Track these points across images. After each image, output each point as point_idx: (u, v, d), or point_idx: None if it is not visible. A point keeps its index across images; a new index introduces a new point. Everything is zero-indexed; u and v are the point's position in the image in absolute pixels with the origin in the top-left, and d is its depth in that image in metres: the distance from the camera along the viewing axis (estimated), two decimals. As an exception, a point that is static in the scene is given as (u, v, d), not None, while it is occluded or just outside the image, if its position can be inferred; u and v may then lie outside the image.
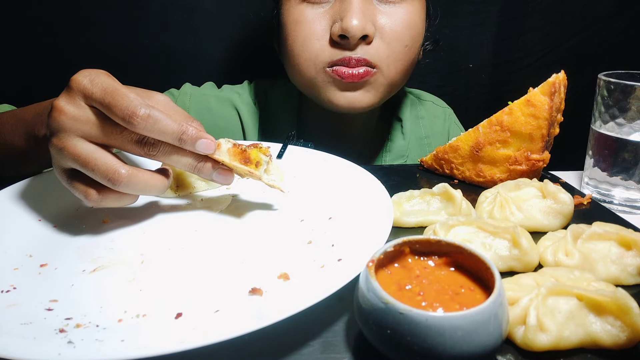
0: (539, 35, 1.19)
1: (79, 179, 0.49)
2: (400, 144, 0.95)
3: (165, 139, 0.47)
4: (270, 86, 0.96)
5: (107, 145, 0.49)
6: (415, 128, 0.97)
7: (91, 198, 0.49)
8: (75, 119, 0.47)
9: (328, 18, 0.72)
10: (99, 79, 0.47)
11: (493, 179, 0.68)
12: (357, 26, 0.68)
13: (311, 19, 0.73)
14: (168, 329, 0.38)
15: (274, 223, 0.57)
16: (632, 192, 0.71)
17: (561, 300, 0.39)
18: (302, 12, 0.73)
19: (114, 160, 0.47)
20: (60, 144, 0.47)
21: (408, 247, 0.40)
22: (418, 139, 0.97)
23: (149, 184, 0.49)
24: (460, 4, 1.15)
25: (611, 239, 0.49)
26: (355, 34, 0.69)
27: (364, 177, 0.62)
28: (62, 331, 0.37)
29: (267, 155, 0.52)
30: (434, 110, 1.03)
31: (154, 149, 0.48)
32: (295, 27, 0.74)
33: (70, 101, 0.47)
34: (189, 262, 0.49)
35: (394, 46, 0.74)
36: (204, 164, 0.51)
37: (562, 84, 0.64)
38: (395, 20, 0.73)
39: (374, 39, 0.73)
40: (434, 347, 0.32)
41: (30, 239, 0.54)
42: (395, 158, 0.95)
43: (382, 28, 0.73)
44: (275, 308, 0.38)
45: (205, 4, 1.06)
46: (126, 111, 0.45)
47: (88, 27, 1.04)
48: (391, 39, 0.73)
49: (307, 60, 0.74)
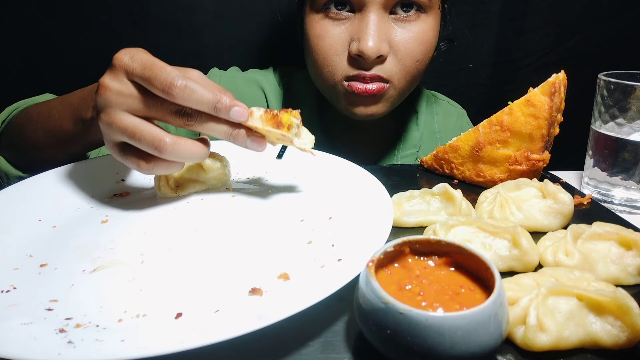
0: (539, 35, 1.19)
1: (130, 151, 0.53)
2: (414, 134, 0.98)
3: (201, 107, 0.50)
4: (296, 71, 0.99)
5: (150, 117, 0.52)
6: (429, 122, 1.01)
7: (143, 167, 0.53)
8: (119, 94, 0.51)
9: (347, 35, 0.76)
10: (138, 56, 0.51)
11: (493, 179, 0.68)
12: (372, 48, 0.72)
13: (332, 35, 0.76)
14: (168, 329, 0.38)
15: (274, 223, 0.57)
16: (632, 192, 0.71)
17: (561, 300, 0.39)
18: (325, 28, 0.77)
19: (158, 131, 0.51)
20: (108, 119, 0.51)
21: (408, 247, 0.40)
22: (431, 132, 1.00)
23: (191, 150, 0.53)
24: (460, 4, 1.15)
25: (611, 239, 0.49)
26: (371, 56, 0.72)
27: (364, 177, 0.63)
28: (62, 331, 0.37)
29: (297, 118, 0.54)
30: (448, 109, 1.06)
31: (191, 119, 0.51)
32: (317, 41, 0.78)
33: (114, 78, 0.51)
34: (189, 262, 0.49)
35: (406, 61, 0.77)
36: (238, 131, 0.53)
37: (562, 84, 0.64)
38: (409, 38, 0.76)
39: (388, 56, 0.76)
40: (434, 347, 0.32)
41: (30, 239, 0.54)
42: (409, 147, 0.97)
43: (397, 45, 0.76)
44: (275, 308, 0.38)
45: (205, 4, 1.06)
46: (165, 83, 0.48)
47: (88, 27, 1.04)
48: (404, 55, 0.76)
49: (327, 72, 0.79)
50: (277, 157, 0.73)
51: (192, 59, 1.10)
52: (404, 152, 0.97)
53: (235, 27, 1.09)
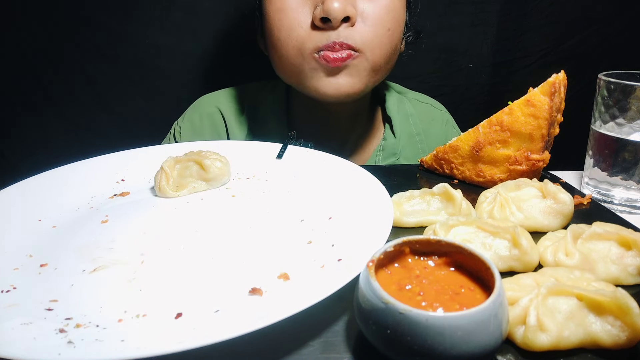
0: (539, 35, 1.19)
1: None
2: (391, 142, 0.95)
3: None
4: (259, 90, 0.97)
5: None
6: (405, 126, 0.98)
7: None
8: None
9: (310, 4, 0.73)
10: None
11: (493, 179, 0.68)
12: (338, 8, 0.70)
13: (294, 7, 0.74)
14: (168, 329, 0.38)
15: (274, 223, 0.57)
16: (632, 192, 0.71)
17: (561, 300, 0.39)
18: (284, 0, 0.74)
19: None
20: None
21: (408, 247, 0.40)
22: (409, 137, 0.97)
23: None
24: (460, 4, 1.15)
25: (611, 239, 0.49)
26: (337, 16, 0.70)
27: (364, 177, 0.62)
28: (62, 331, 0.37)
29: None
30: (429, 111, 1.03)
31: None
32: (278, 15, 0.75)
33: None
34: (189, 262, 0.49)
35: (377, 29, 0.75)
36: None
37: (562, 84, 0.64)
38: (376, 5, 0.75)
39: (357, 23, 0.74)
40: (434, 347, 0.32)
41: (30, 239, 0.54)
42: (388, 156, 0.95)
43: (364, 12, 0.74)
44: (275, 308, 0.38)
45: (205, 4, 1.06)
46: None
47: (88, 27, 1.04)
48: (373, 22, 0.74)
49: (293, 48, 0.75)
50: (277, 157, 0.73)
51: (192, 59, 1.10)
52: (384, 163, 0.94)
53: (235, 27, 1.09)
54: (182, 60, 1.09)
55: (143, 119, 1.12)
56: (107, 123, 1.12)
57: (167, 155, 0.66)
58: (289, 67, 0.78)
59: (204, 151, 0.68)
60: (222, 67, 1.07)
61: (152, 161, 0.69)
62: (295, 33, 0.74)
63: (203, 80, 1.06)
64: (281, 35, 0.75)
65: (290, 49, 0.75)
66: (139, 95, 1.11)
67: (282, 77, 0.83)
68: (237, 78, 1.01)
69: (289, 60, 0.77)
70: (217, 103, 0.96)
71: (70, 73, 1.07)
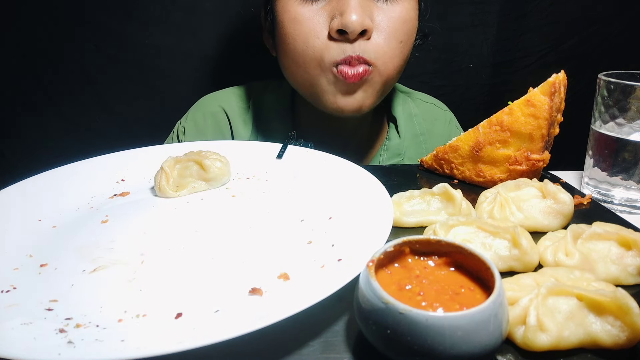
0: (538, 35, 1.19)
1: None
2: (395, 142, 0.95)
3: None
4: (263, 89, 0.96)
5: None
6: (410, 126, 0.97)
7: None
8: None
9: (326, 15, 0.72)
10: None
11: (493, 179, 0.68)
12: (356, 21, 0.68)
13: (309, 17, 0.72)
14: (168, 329, 0.38)
15: (274, 223, 0.57)
16: (632, 192, 0.71)
17: (561, 300, 0.39)
18: (300, 10, 0.73)
19: None
20: None
21: (408, 247, 0.40)
22: (413, 137, 0.97)
23: None
24: (460, 4, 1.15)
25: (611, 239, 0.49)
26: (355, 29, 0.69)
27: (364, 177, 0.62)
28: (62, 331, 0.37)
29: None
30: (433, 111, 1.03)
31: None
32: (294, 25, 0.73)
33: None
34: (189, 262, 0.49)
35: (390, 42, 0.74)
36: None
37: (562, 84, 0.64)
38: (392, 17, 0.74)
39: (372, 36, 0.73)
40: (434, 347, 0.32)
41: (30, 239, 0.54)
42: (392, 156, 0.95)
43: (380, 24, 0.73)
44: (275, 308, 0.38)
45: (205, 4, 1.06)
46: None
47: (88, 27, 1.04)
48: (387, 34, 0.73)
49: (313, 60, 0.74)
50: (277, 157, 0.73)
51: (192, 59, 1.10)
52: (389, 163, 0.94)
53: (236, 27, 1.09)
54: (182, 60, 1.09)
55: (143, 119, 1.12)
56: (107, 123, 1.12)
57: (167, 155, 0.66)
58: (304, 76, 0.77)
59: (204, 151, 0.68)
60: (222, 67, 1.07)
61: (152, 161, 0.69)
62: (312, 44, 0.72)
63: (203, 80, 1.06)
64: (297, 46, 0.74)
65: (309, 60, 0.74)
66: (139, 95, 1.11)
67: (293, 84, 0.82)
68: (237, 78, 1.01)
69: (306, 71, 0.75)
70: (220, 102, 0.95)
71: (70, 73, 1.07)
